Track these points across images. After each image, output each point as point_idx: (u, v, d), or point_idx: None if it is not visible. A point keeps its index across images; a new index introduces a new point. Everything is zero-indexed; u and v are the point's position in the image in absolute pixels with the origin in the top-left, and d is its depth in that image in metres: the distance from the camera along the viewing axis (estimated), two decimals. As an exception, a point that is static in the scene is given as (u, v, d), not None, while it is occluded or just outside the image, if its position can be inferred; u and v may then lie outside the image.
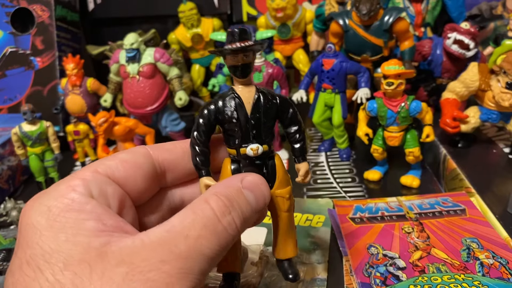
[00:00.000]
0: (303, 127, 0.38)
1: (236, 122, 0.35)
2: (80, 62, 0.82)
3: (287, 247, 0.38)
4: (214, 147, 0.37)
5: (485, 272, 0.45)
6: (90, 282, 0.24)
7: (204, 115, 0.35)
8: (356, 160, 0.78)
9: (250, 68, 0.35)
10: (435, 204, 0.58)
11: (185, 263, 0.26)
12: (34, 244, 0.26)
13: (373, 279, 0.45)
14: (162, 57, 0.80)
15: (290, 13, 0.92)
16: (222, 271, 0.38)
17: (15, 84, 0.90)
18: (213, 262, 0.28)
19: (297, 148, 0.38)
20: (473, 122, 0.70)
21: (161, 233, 0.27)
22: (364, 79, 0.73)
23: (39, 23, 0.90)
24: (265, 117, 0.35)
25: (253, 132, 0.35)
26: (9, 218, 0.66)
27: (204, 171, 0.36)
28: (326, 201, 0.63)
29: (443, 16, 0.96)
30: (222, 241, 0.29)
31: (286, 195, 0.37)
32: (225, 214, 0.29)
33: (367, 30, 0.74)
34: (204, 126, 0.35)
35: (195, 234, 0.27)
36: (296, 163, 0.39)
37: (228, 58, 0.35)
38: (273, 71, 0.76)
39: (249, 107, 0.35)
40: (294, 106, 0.37)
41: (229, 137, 0.36)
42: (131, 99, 0.80)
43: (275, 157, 0.37)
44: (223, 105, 0.35)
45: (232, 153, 0.36)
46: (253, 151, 0.35)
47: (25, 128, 0.70)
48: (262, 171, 0.36)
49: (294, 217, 0.39)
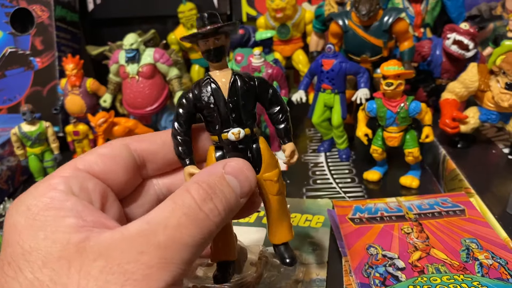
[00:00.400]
0: (285, 106, 0.37)
1: (214, 107, 0.34)
2: (79, 62, 0.82)
3: (282, 231, 0.38)
4: (197, 136, 0.37)
5: (485, 272, 0.45)
6: (68, 277, 0.24)
7: (182, 104, 0.35)
8: (355, 160, 0.78)
9: (224, 51, 0.34)
10: (435, 205, 0.58)
11: (164, 253, 0.26)
12: (14, 243, 0.26)
13: (372, 279, 0.45)
14: (162, 58, 0.80)
15: (290, 13, 0.92)
16: (215, 260, 0.37)
17: (15, 84, 0.90)
18: (196, 251, 0.28)
19: (281, 129, 0.37)
20: (472, 123, 0.70)
21: (140, 225, 0.27)
22: (363, 80, 0.73)
23: (38, 24, 0.90)
24: (243, 99, 0.35)
25: (232, 116, 0.35)
26: (8, 218, 0.65)
27: (187, 160, 0.35)
28: (325, 201, 0.63)
29: (443, 17, 0.96)
30: (205, 229, 0.28)
31: (274, 177, 0.36)
32: (206, 201, 0.29)
33: (367, 30, 0.74)
34: (184, 116, 0.35)
35: (174, 223, 0.27)
36: (281, 144, 0.38)
37: (200, 43, 0.34)
38: (273, 71, 0.76)
39: (226, 90, 0.34)
40: (273, 87, 0.37)
41: (209, 124, 0.36)
42: (131, 99, 0.80)
43: (259, 140, 0.36)
44: (199, 91, 0.35)
45: (215, 140, 0.36)
46: (235, 135, 0.35)
47: (25, 129, 0.70)
48: (247, 156, 0.36)
49: (285, 201, 0.38)
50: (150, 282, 0.25)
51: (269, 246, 0.52)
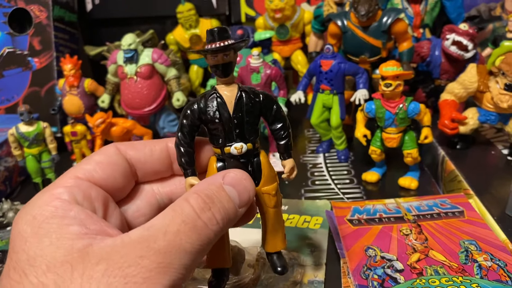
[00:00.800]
0: (288, 123, 0.38)
1: (219, 121, 0.35)
2: (77, 62, 0.82)
3: (276, 241, 0.39)
4: (200, 147, 0.38)
5: (483, 274, 0.45)
6: (71, 281, 0.25)
7: (187, 116, 0.36)
8: (354, 161, 0.78)
9: (231, 67, 0.35)
10: (433, 206, 0.57)
11: (164, 258, 0.27)
12: (20, 250, 0.27)
13: (371, 281, 0.45)
14: (160, 58, 0.80)
15: (289, 14, 0.92)
16: (210, 266, 0.38)
17: (13, 84, 0.90)
18: (195, 258, 0.28)
19: (282, 145, 0.38)
20: (471, 124, 0.70)
21: (141, 232, 0.28)
22: (362, 80, 0.73)
23: (36, 24, 0.90)
24: (248, 115, 0.35)
25: (236, 131, 0.35)
26: (5, 219, 0.65)
27: (189, 171, 0.36)
28: (324, 202, 0.63)
29: (442, 17, 0.95)
30: (203, 236, 0.29)
31: (272, 191, 0.37)
32: (204, 210, 0.30)
33: (366, 31, 0.74)
34: (188, 127, 0.36)
35: (174, 229, 0.28)
36: (281, 160, 0.39)
37: (208, 57, 0.35)
38: (271, 72, 0.75)
39: (231, 106, 0.35)
40: (277, 103, 0.37)
41: (213, 137, 0.36)
42: (129, 100, 0.80)
43: (260, 154, 0.37)
44: (205, 105, 0.35)
45: (217, 152, 0.37)
46: (237, 150, 0.35)
47: (22, 129, 0.70)
48: (248, 169, 0.36)
49: (281, 212, 0.39)
50: (150, 285, 0.26)
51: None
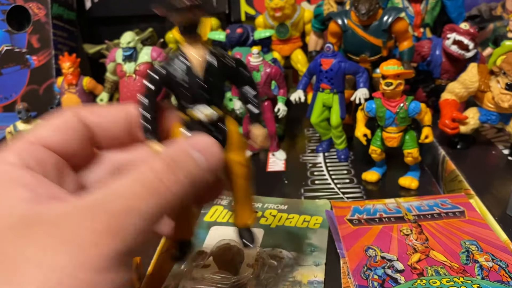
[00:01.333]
0: (256, 86, 0.37)
1: (186, 86, 0.33)
2: (76, 60, 0.81)
3: (244, 215, 0.39)
4: (164, 113, 0.36)
5: (485, 275, 0.44)
6: (16, 248, 0.24)
7: (152, 80, 0.34)
8: (354, 161, 0.77)
9: (198, 27, 0.33)
10: (434, 206, 0.57)
11: (116, 221, 0.25)
12: None
13: (371, 281, 0.45)
14: (159, 56, 0.80)
15: (289, 12, 0.91)
16: (174, 238, 0.38)
17: (11, 82, 0.90)
18: (151, 221, 0.27)
19: (251, 109, 0.37)
20: (472, 123, 0.70)
21: (95, 196, 0.26)
22: (362, 79, 0.73)
23: (35, 21, 0.89)
24: (217, 80, 0.34)
25: (204, 96, 0.34)
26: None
27: (153, 137, 0.34)
28: (323, 202, 0.62)
29: (443, 17, 0.95)
30: (163, 200, 0.27)
31: (242, 160, 0.36)
32: (168, 174, 0.28)
33: (366, 30, 0.74)
34: (153, 91, 0.34)
35: (131, 192, 0.26)
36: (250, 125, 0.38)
37: (174, 17, 0.33)
38: (271, 70, 0.75)
39: (200, 70, 0.34)
40: (246, 65, 0.36)
41: (179, 101, 0.35)
42: (128, 98, 0.80)
43: (228, 120, 0.36)
44: (172, 68, 0.34)
45: (183, 118, 0.35)
46: (206, 115, 0.34)
47: (20, 127, 0.69)
48: (214, 135, 0.35)
49: (252, 186, 0.38)
50: (101, 249, 0.24)
51: (266, 248, 0.51)
